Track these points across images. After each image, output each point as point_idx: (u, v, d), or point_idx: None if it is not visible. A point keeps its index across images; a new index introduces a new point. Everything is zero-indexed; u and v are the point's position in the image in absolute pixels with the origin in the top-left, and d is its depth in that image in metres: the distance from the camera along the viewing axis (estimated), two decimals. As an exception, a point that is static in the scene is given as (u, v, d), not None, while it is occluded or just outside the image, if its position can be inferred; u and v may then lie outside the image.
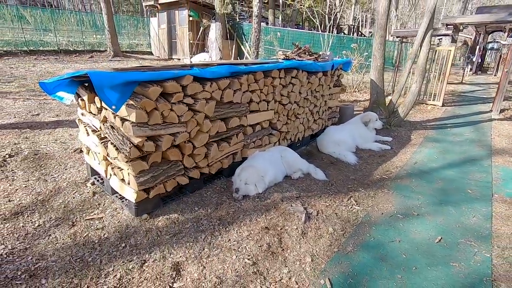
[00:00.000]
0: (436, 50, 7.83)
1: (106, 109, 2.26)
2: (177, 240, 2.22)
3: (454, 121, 6.44)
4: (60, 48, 12.09)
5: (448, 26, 7.55)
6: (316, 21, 10.60)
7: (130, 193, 2.30)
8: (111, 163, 2.45)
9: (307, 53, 4.14)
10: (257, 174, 2.84)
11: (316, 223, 2.49)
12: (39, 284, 1.78)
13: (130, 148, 2.09)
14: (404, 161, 4.08)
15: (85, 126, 2.69)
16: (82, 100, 2.57)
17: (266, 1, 14.38)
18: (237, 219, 2.48)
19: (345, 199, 2.92)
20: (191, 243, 2.19)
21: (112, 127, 2.28)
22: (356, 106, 7.04)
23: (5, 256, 1.98)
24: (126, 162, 2.18)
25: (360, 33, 20.28)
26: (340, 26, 22.38)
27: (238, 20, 13.71)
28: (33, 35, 12.31)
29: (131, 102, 2.07)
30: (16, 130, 4.19)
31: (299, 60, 3.96)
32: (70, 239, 2.17)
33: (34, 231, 2.24)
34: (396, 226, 2.56)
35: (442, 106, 7.99)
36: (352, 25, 20.55)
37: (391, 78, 9.09)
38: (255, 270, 1.98)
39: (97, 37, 14.30)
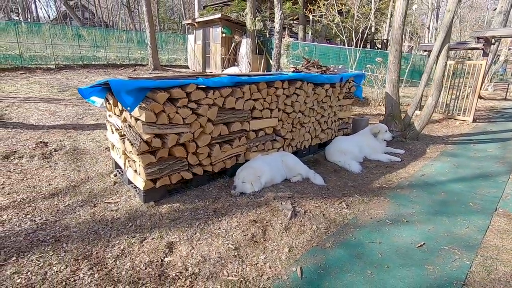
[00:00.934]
0: (467, 64, 7.55)
1: (125, 111, 2.73)
2: (174, 224, 2.56)
3: (481, 137, 6.13)
4: (109, 62, 13.62)
5: (479, 40, 7.27)
6: (342, 36, 10.74)
7: (140, 182, 2.72)
8: (128, 157, 2.91)
9: (315, 66, 4.39)
10: (254, 174, 3.12)
11: (301, 221, 2.68)
12: (61, 246, 2.22)
13: (140, 143, 2.52)
14: (410, 172, 4.07)
15: (111, 126, 3.21)
16: (109, 103, 3.09)
17: (296, 17, 14.87)
18: (230, 212, 2.77)
19: (336, 202, 3.07)
20: (186, 228, 2.52)
21: (129, 125, 2.74)
22: (378, 120, 7.02)
23: (40, 225, 2.48)
24: (137, 155, 2.60)
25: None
26: (374, 41, 22.06)
27: (268, 35, 14.32)
28: (87, 51, 14.05)
29: (143, 105, 2.51)
30: (63, 130, 4.96)
31: (307, 72, 4.23)
32: (90, 216, 2.63)
33: (64, 209, 2.74)
34: (381, 230, 2.65)
35: (472, 121, 7.59)
36: (386, 39, 20.16)
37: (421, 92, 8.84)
38: (235, 254, 2.24)
39: (141, 52, 15.81)
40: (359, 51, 10.85)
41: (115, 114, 3.04)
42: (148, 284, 1.92)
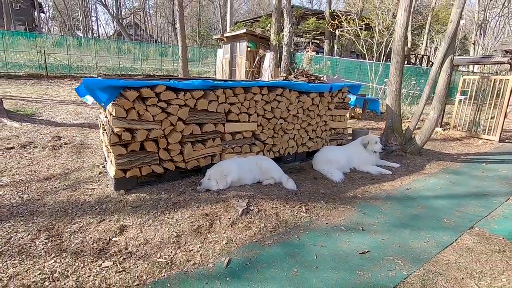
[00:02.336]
0: (492, 79, 7.01)
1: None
2: (134, 211, 2.80)
3: (499, 157, 5.60)
4: (144, 72, 14.90)
5: (507, 53, 6.73)
6: (363, 50, 10.59)
7: (112, 171, 3.03)
8: (108, 149, 3.25)
9: (304, 75, 4.48)
10: (221, 173, 3.27)
11: (251, 218, 2.76)
12: (32, 219, 2.57)
13: (110, 135, 2.84)
14: (395, 186, 3.90)
15: (100, 122, 3.62)
16: (99, 102, 3.51)
17: (323, 32, 14.98)
18: (188, 205, 2.94)
19: (297, 206, 3.08)
20: (143, 215, 2.74)
21: (107, 120, 3.10)
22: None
23: (24, 201, 2.89)
24: (110, 146, 2.92)
25: (431, 62, 18.80)
26: (410, 55, 21.19)
27: (292, 49, 14.59)
28: (127, 63, 15.54)
29: (116, 101, 2.84)
30: (80, 127, 5.59)
31: (295, 81, 4.33)
32: (67, 198, 2.98)
33: (50, 190, 3.14)
34: (331, 235, 2.62)
35: (499, 141, 6.94)
36: (422, 54, 19.25)
37: (441, 108, 8.32)
38: (175, 241, 2.40)
39: (174, 65, 17.04)
40: (382, 65, 10.58)
41: (102, 111, 3.43)
42: (87, 256, 2.16)
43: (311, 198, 3.33)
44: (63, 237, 2.37)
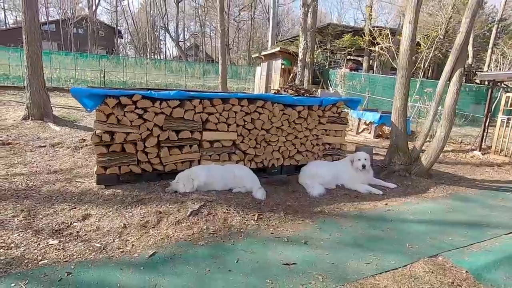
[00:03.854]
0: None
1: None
2: (103, 203, 3.17)
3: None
4: (187, 88, 16.28)
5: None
6: (396, 65, 10.00)
7: (95, 168, 3.48)
8: (98, 149, 3.75)
9: (293, 89, 4.53)
10: (188, 176, 3.50)
11: (197, 220, 2.89)
12: (22, 201, 3.10)
13: (92, 136, 3.31)
14: (378, 206, 3.63)
15: (100, 126, 4.18)
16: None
17: (361, 48, 14.58)
18: (150, 203, 3.20)
19: (251, 214, 3.11)
20: (108, 207, 3.09)
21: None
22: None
23: (27, 187, 3.48)
24: (94, 145, 3.39)
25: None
26: (471, 72, 19.10)
27: (327, 67, 14.47)
28: (173, 79, 17.21)
29: (98, 107, 3.32)
30: (105, 133, 6.41)
31: (284, 94, 4.42)
32: (58, 188, 3.51)
33: (50, 181, 3.72)
34: (268, 244, 2.60)
35: (550, 170, 5.84)
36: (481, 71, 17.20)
37: (481, 130, 7.37)
38: (120, 231, 2.66)
39: (215, 81, 18.26)
40: (419, 81, 9.83)
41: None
42: (44, 234, 2.54)
43: (272, 208, 3.32)
44: (36, 217, 2.82)
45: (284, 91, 4.57)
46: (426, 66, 9.71)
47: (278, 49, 14.11)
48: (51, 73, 13.59)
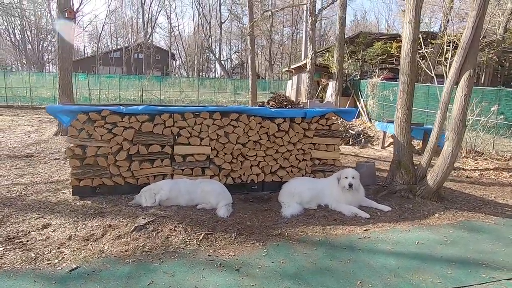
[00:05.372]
0: None
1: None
2: (67, 214, 3.32)
3: None
4: (218, 104, 16.87)
5: None
6: (431, 73, 8.95)
7: (70, 179, 3.70)
8: (80, 162, 3.99)
9: (276, 101, 4.30)
10: (151, 191, 3.49)
11: (139, 235, 2.82)
12: (2, 209, 3.41)
13: (66, 149, 3.54)
14: (353, 232, 3.15)
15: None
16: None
17: (395, 55, 13.47)
18: (108, 215, 3.24)
19: (197, 233, 2.93)
20: (68, 218, 3.21)
21: (77, 138, 3.85)
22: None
23: (16, 196, 3.83)
24: (68, 158, 3.62)
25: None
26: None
27: (358, 77, 13.65)
28: (207, 96, 18.01)
29: (71, 123, 3.55)
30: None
31: (267, 106, 4.24)
32: (42, 197, 3.79)
33: (41, 190, 4.05)
34: (194, 268, 2.40)
35: None
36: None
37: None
38: (62, 242, 2.72)
39: (247, 96, 18.61)
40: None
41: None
42: (1, 240, 2.73)
43: (227, 228, 3.10)
44: (5, 224, 3.05)
45: (267, 103, 4.37)
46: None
47: (305, 61, 13.83)
48: (99, 93, 15.36)
